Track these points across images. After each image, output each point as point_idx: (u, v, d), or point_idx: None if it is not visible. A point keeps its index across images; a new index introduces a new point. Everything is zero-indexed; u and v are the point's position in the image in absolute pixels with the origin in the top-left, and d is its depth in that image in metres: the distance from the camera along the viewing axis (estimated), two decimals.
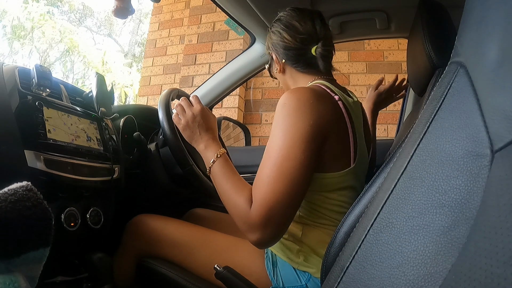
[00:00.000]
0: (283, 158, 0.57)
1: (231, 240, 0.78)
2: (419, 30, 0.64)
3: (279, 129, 0.60)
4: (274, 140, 0.60)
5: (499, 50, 0.25)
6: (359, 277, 0.32)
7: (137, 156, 0.93)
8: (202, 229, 0.83)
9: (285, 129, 0.59)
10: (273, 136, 0.61)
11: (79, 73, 8.40)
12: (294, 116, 0.59)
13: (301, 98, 0.61)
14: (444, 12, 0.65)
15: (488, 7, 0.28)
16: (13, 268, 0.32)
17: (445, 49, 0.59)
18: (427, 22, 0.63)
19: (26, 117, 0.63)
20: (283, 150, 0.58)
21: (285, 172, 0.57)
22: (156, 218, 0.85)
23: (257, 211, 0.56)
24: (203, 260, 0.75)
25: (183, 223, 0.85)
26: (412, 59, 0.74)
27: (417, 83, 0.73)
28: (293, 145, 0.58)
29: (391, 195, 0.32)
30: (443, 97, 0.31)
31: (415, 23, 0.69)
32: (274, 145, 0.60)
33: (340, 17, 1.09)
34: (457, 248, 0.23)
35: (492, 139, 0.23)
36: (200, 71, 2.67)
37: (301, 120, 0.59)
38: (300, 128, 0.59)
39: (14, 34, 7.39)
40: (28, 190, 0.34)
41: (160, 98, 0.88)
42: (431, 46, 0.60)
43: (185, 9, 3.02)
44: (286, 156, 0.57)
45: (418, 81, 0.71)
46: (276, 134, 0.60)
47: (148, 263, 0.79)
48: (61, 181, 0.66)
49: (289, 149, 0.58)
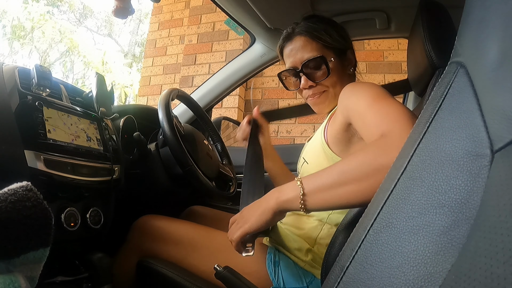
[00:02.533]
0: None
1: None
2: (419, 30, 0.64)
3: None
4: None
5: (499, 50, 0.25)
6: (359, 277, 0.32)
7: (137, 156, 0.93)
8: (204, 228, 0.83)
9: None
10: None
11: (79, 73, 8.41)
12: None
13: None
14: (444, 12, 0.65)
15: (488, 8, 0.28)
16: (13, 268, 0.32)
17: (445, 50, 0.59)
18: (428, 22, 0.63)
19: (26, 117, 0.63)
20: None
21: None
22: (161, 218, 0.86)
23: (403, 126, 0.48)
24: (204, 259, 0.76)
25: (185, 222, 0.86)
26: (412, 59, 0.74)
27: (417, 83, 0.73)
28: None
29: (391, 195, 0.32)
30: (443, 97, 0.31)
31: (415, 23, 0.69)
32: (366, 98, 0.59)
33: (340, 17, 1.09)
34: (457, 248, 0.23)
35: (492, 139, 0.24)
36: (200, 71, 2.67)
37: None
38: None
39: (14, 34, 7.40)
40: (28, 190, 0.34)
41: (160, 98, 0.88)
42: (431, 46, 0.60)
43: (185, 9, 3.02)
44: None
45: (418, 81, 0.71)
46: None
47: (147, 263, 0.80)
48: (61, 181, 0.66)
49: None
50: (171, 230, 0.81)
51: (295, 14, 1.03)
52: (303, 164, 0.78)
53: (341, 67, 0.78)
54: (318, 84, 0.76)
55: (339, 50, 0.78)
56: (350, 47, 0.82)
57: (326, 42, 0.76)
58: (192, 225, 0.84)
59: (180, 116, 1.35)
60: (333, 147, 0.69)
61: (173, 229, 0.82)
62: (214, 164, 1.01)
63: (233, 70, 1.35)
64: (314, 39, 0.76)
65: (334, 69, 0.76)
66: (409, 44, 0.77)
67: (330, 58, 0.76)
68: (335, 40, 0.77)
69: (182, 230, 0.81)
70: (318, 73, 0.76)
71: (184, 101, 1.10)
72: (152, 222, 0.85)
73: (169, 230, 0.82)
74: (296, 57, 0.77)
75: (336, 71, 0.77)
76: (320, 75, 0.76)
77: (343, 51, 0.79)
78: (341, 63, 0.78)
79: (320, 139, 0.72)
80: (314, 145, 0.75)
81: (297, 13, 1.01)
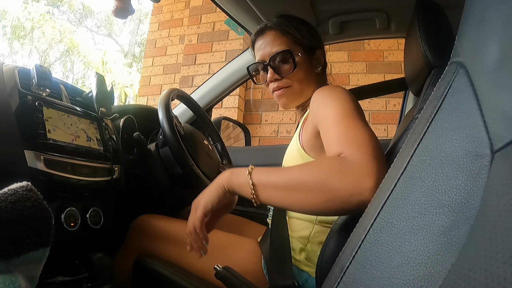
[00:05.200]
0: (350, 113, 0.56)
1: (229, 238, 0.79)
2: (415, 30, 0.64)
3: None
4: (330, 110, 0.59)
5: (499, 50, 0.25)
6: (359, 277, 0.32)
7: (137, 156, 0.93)
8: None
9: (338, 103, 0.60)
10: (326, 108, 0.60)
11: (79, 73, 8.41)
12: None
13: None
14: (441, 12, 0.65)
15: (487, 7, 0.28)
16: (13, 268, 0.32)
17: (441, 49, 0.59)
18: (424, 22, 0.62)
19: (26, 117, 0.63)
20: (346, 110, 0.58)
21: (359, 118, 0.56)
22: (159, 218, 0.86)
23: (364, 154, 0.47)
24: (201, 257, 0.76)
25: (183, 221, 0.86)
26: (409, 59, 0.74)
27: (414, 82, 0.73)
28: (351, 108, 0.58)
29: (391, 195, 0.32)
30: (443, 97, 0.31)
31: (411, 23, 0.69)
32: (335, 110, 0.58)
33: (340, 17, 1.09)
34: (457, 248, 0.23)
35: (492, 139, 0.23)
36: (200, 71, 2.67)
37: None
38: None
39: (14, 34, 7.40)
40: (28, 190, 0.34)
41: (160, 98, 0.88)
42: (427, 46, 0.60)
43: (185, 9, 3.02)
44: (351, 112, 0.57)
45: (415, 80, 0.71)
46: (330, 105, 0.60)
47: (144, 262, 0.80)
48: (61, 181, 0.66)
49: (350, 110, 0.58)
50: (169, 230, 0.82)
51: (295, 14, 1.03)
52: None
53: (308, 64, 0.79)
54: (284, 78, 0.77)
55: (308, 48, 0.80)
56: (321, 47, 0.83)
57: (295, 37, 0.78)
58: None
59: (180, 116, 1.35)
60: (309, 152, 0.70)
61: (171, 229, 0.82)
62: (214, 164, 1.01)
63: (233, 70, 1.35)
64: (284, 33, 0.78)
65: (301, 65, 0.77)
66: (406, 43, 0.77)
67: (297, 53, 0.77)
68: (304, 37, 0.79)
69: (179, 229, 0.81)
70: (284, 67, 0.77)
71: (184, 101, 1.10)
72: (150, 221, 0.85)
73: (167, 230, 0.82)
74: (265, 51, 0.79)
75: (303, 67, 0.78)
76: (286, 68, 0.77)
77: (312, 49, 0.80)
78: (309, 60, 0.79)
79: (296, 144, 0.73)
80: (292, 150, 0.76)
81: (297, 13, 1.01)
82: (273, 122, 2.54)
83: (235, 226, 0.99)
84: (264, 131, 2.54)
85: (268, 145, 2.26)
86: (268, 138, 2.52)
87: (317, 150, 0.68)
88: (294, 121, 2.48)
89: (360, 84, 2.41)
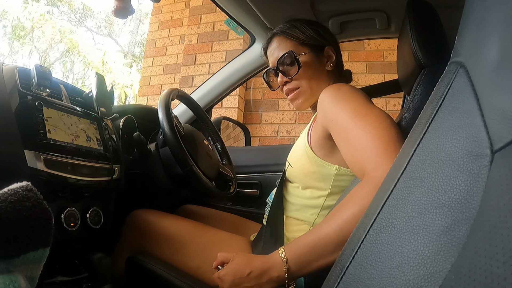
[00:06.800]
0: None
1: (221, 235, 0.80)
2: (407, 29, 0.63)
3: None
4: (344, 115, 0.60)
5: (499, 50, 0.25)
6: (359, 277, 0.32)
7: (137, 156, 0.93)
8: (194, 223, 0.84)
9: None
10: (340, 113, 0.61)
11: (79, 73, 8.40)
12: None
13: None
14: (433, 12, 0.65)
15: (487, 7, 0.28)
16: (13, 268, 0.32)
17: (431, 49, 0.59)
18: (415, 22, 0.62)
19: (26, 117, 0.63)
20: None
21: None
22: (153, 213, 0.87)
23: (386, 158, 0.50)
24: (191, 254, 0.77)
25: (177, 218, 0.87)
26: (401, 59, 0.74)
27: (406, 82, 0.73)
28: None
29: (391, 195, 0.32)
30: (443, 97, 0.31)
31: (403, 23, 0.69)
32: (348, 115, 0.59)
33: (340, 17, 1.09)
34: (457, 248, 0.23)
35: (492, 139, 0.23)
36: (200, 71, 2.67)
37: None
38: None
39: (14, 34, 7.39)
40: (28, 190, 0.34)
41: (160, 98, 0.88)
42: (418, 46, 0.60)
43: (185, 9, 3.02)
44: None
45: (407, 80, 0.71)
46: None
47: (136, 259, 0.80)
48: (61, 181, 0.66)
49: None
50: (161, 226, 0.82)
51: (295, 14, 1.02)
52: (288, 167, 0.79)
53: (317, 63, 0.79)
54: (293, 80, 0.78)
55: (315, 47, 0.80)
56: (330, 44, 0.82)
57: (299, 39, 0.79)
58: (181, 220, 0.84)
59: (180, 116, 1.35)
60: (317, 151, 0.70)
61: (163, 225, 0.82)
62: (214, 164, 1.01)
63: (233, 70, 1.35)
64: (288, 37, 0.80)
65: (308, 64, 0.78)
66: (398, 44, 0.77)
67: (302, 52, 0.78)
68: (309, 37, 0.80)
69: (171, 226, 0.82)
70: (291, 69, 0.78)
71: (184, 101, 1.10)
72: (143, 216, 0.86)
73: (159, 226, 0.82)
74: (273, 57, 0.81)
75: (311, 66, 0.78)
76: (293, 70, 0.78)
77: (320, 47, 0.80)
78: (317, 58, 0.79)
79: (303, 142, 0.73)
80: (298, 148, 0.76)
81: (297, 13, 1.01)
82: (273, 122, 2.54)
83: (232, 223, 1.00)
84: (264, 131, 2.54)
85: (268, 145, 2.26)
86: (268, 138, 2.52)
87: (326, 150, 0.69)
88: (294, 121, 2.48)
89: (360, 84, 2.41)
